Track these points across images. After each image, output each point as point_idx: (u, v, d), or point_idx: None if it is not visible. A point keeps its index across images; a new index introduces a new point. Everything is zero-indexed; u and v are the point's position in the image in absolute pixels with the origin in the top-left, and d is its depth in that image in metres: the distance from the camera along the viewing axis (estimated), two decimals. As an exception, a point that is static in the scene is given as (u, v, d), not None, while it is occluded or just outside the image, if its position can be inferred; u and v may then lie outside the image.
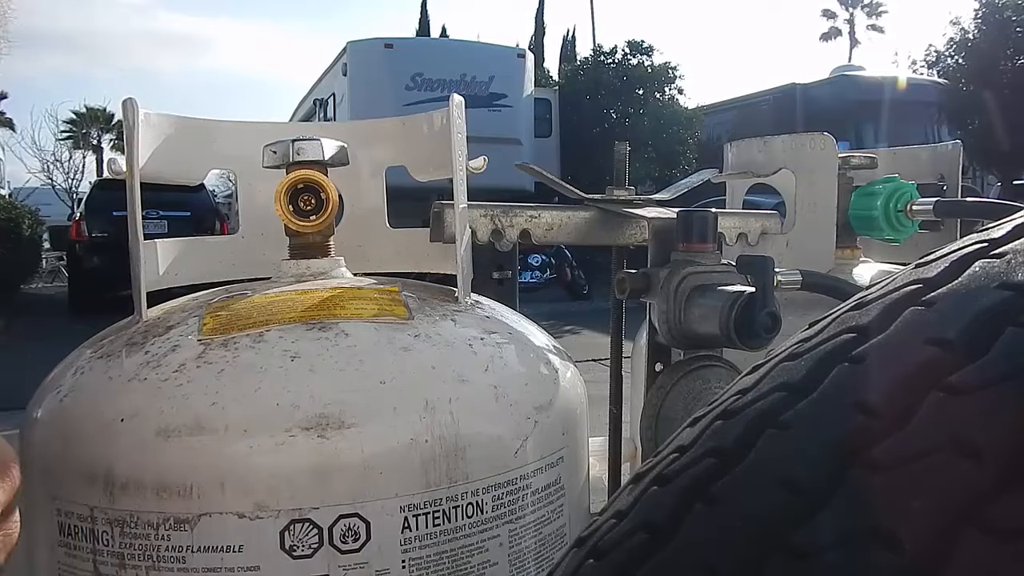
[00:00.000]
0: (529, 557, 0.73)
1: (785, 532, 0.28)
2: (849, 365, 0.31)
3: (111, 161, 0.89)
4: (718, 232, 0.99)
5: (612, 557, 0.33)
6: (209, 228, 8.66)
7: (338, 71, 11.22)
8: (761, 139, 1.27)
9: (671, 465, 0.34)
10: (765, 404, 0.32)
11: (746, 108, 14.62)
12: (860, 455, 0.28)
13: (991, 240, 0.33)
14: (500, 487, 0.71)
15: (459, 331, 0.77)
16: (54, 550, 0.68)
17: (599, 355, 2.60)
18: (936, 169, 1.36)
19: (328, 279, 0.86)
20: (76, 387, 0.73)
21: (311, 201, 0.86)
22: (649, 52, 14.31)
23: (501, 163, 1.34)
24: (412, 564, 0.66)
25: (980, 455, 0.26)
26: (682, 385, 0.85)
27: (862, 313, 0.33)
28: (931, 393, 0.28)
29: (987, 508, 0.25)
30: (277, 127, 0.99)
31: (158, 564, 0.64)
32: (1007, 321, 0.28)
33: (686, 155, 13.72)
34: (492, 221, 1.01)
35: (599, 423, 1.12)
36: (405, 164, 0.98)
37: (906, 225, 1.23)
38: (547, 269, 9.92)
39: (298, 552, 0.63)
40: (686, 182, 1.24)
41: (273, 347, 0.69)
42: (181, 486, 0.63)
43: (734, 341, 0.78)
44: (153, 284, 0.84)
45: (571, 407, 0.81)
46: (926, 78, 14.10)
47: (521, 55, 11.85)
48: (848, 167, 1.24)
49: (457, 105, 0.85)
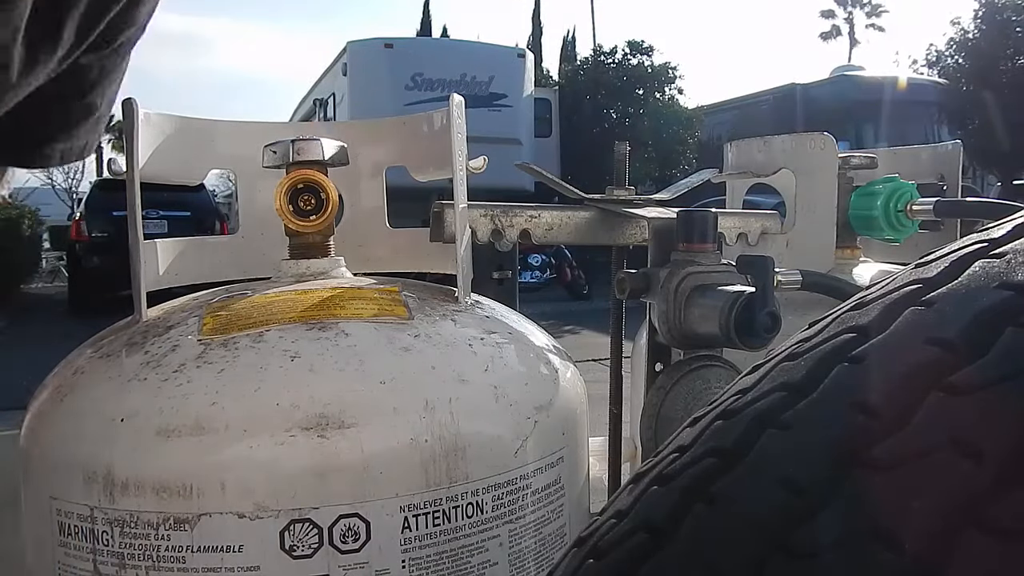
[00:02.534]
0: (529, 557, 0.73)
1: (785, 532, 0.28)
2: (849, 365, 0.31)
3: (111, 161, 0.90)
4: (718, 232, 0.99)
5: (612, 557, 0.33)
6: (209, 228, 8.67)
7: (338, 71, 11.22)
8: (761, 139, 1.27)
9: (671, 465, 0.34)
10: (765, 404, 0.32)
11: (746, 108, 14.63)
12: (860, 455, 0.28)
13: (991, 240, 0.33)
14: (500, 487, 0.71)
15: (459, 331, 0.77)
16: (54, 550, 0.68)
17: (599, 355, 2.60)
18: (936, 169, 1.36)
19: (328, 279, 0.86)
20: (76, 387, 0.73)
21: (311, 201, 0.86)
22: (649, 52, 14.32)
23: (501, 163, 1.34)
24: (412, 564, 0.66)
25: (980, 455, 0.26)
26: (682, 385, 0.85)
27: (862, 313, 0.33)
28: (931, 393, 0.28)
29: (987, 508, 0.25)
30: (277, 127, 0.99)
31: (158, 564, 0.64)
32: (1007, 321, 0.28)
33: (686, 155, 13.73)
34: (492, 221, 1.01)
35: (599, 423, 1.12)
36: (405, 164, 0.98)
37: (906, 225, 1.24)
38: (547, 269, 9.93)
39: (298, 552, 0.63)
40: (686, 182, 1.24)
41: (273, 347, 0.69)
42: (181, 486, 0.63)
43: (734, 341, 0.78)
44: (153, 284, 0.84)
45: (571, 407, 0.81)
46: (926, 78, 14.10)
47: (521, 55, 11.85)
48: (848, 167, 1.24)
49: (457, 105, 0.85)
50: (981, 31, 13.21)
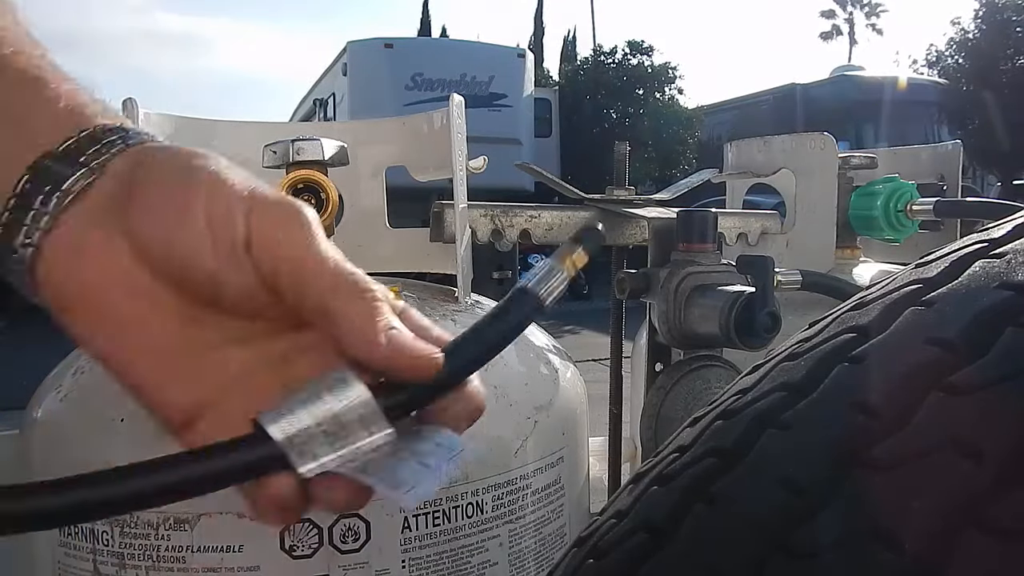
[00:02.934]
0: (529, 557, 0.73)
1: (785, 532, 0.28)
2: (849, 365, 0.31)
3: (111, 161, 0.89)
4: (718, 232, 0.99)
5: (612, 557, 0.33)
6: (209, 228, 8.64)
7: (338, 71, 11.21)
8: (761, 139, 1.27)
9: (671, 465, 0.34)
10: (765, 404, 0.32)
11: (746, 108, 14.63)
12: (860, 455, 0.28)
13: (991, 240, 0.33)
14: (500, 487, 0.71)
15: (459, 331, 0.77)
16: (54, 550, 0.68)
17: (599, 355, 2.60)
18: (936, 169, 1.36)
19: (328, 279, 0.86)
20: (76, 387, 0.73)
21: (311, 201, 0.86)
22: (649, 52, 14.32)
23: (501, 163, 1.34)
24: (412, 564, 0.66)
25: (980, 455, 0.25)
26: (682, 385, 0.85)
27: (862, 313, 0.33)
28: (931, 393, 0.28)
29: (987, 508, 0.25)
30: (277, 127, 0.99)
31: (158, 564, 0.64)
32: (1007, 321, 0.28)
33: (686, 155, 13.73)
34: (492, 221, 1.01)
35: (599, 423, 1.12)
36: (405, 164, 0.98)
37: (906, 225, 1.24)
38: (547, 269, 9.89)
39: (298, 552, 0.63)
40: (686, 182, 1.24)
41: (273, 347, 0.69)
42: (181, 486, 0.63)
43: (734, 341, 0.78)
44: (153, 284, 0.84)
45: (571, 407, 0.81)
46: (926, 78, 14.11)
47: (521, 55, 11.84)
48: (848, 167, 1.24)
49: (457, 105, 0.85)
50: (981, 31, 13.22)
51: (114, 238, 0.31)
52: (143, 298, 0.31)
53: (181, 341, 0.32)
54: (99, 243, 0.31)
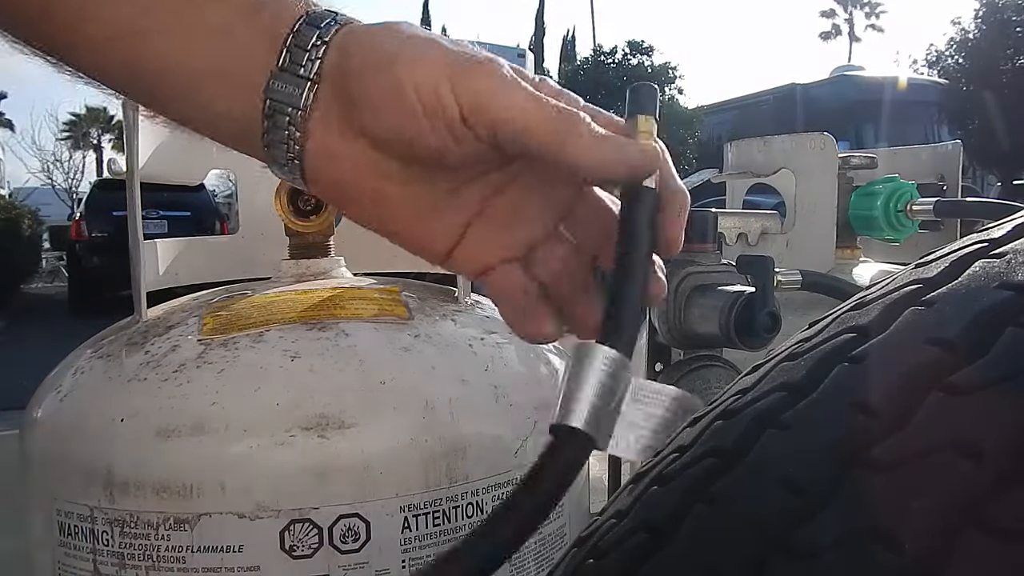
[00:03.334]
0: (529, 557, 0.73)
1: (785, 532, 0.28)
2: (849, 365, 0.31)
3: (111, 161, 0.90)
4: (718, 232, 0.99)
5: (612, 557, 0.33)
6: (209, 228, 8.64)
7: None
8: (761, 139, 1.27)
9: (671, 465, 0.34)
10: (765, 404, 0.32)
11: (746, 108, 14.62)
12: (860, 455, 0.28)
13: (991, 240, 0.33)
14: (500, 487, 0.71)
15: (459, 331, 0.77)
16: (54, 550, 0.68)
17: (599, 355, 2.58)
18: (936, 169, 1.36)
19: (328, 279, 0.86)
20: (76, 387, 0.73)
21: (311, 201, 0.86)
22: (649, 52, 14.34)
23: (501, 163, 1.34)
24: (412, 564, 0.66)
25: (980, 455, 0.25)
26: (682, 385, 0.85)
27: (862, 313, 0.33)
28: (931, 393, 0.28)
29: (987, 508, 0.25)
30: (277, 127, 0.99)
31: (158, 564, 0.64)
32: (1007, 321, 0.28)
33: (686, 155, 13.73)
34: (492, 221, 1.01)
35: (599, 423, 1.12)
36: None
37: (906, 225, 1.24)
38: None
39: (298, 552, 0.63)
40: (686, 182, 1.24)
41: (273, 347, 0.69)
42: (181, 486, 0.63)
43: (734, 341, 0.78)
44: (153, 284, 0.84)
45: (571, 407, 0.81)
46: (926, 78, 14.11)
47: (521, 55, 11.86)
48: (848, 167, 1.24)
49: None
50: (981, 31, 13.22)
51: (353, 140, 0.37)
52: (387, 179, 0.38)
53: (423, 198, 0.38)
54: (344, 147, 0.37)
